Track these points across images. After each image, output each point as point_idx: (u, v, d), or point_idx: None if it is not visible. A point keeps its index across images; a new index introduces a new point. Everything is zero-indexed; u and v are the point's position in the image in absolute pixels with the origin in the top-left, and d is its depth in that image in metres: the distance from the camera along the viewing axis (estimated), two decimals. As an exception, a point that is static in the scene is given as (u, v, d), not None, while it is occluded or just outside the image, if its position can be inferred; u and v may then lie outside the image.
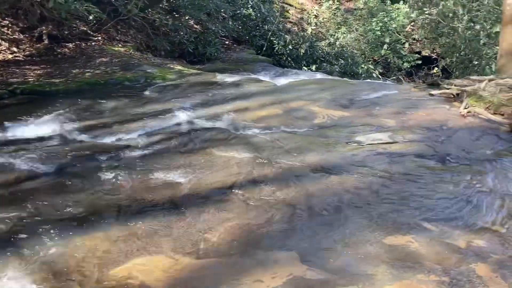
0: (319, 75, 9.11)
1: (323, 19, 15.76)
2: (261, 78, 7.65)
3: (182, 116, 5.19)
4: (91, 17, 7.96)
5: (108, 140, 4.42)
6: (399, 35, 14.53)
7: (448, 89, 5.66)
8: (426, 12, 11.64)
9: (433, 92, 5.77)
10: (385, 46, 13.94)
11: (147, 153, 4.04)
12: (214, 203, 3.11)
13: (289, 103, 5.77)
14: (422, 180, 3.40)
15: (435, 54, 13.86)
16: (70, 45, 8.31)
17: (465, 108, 5.00)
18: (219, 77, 7.12)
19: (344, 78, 9.85)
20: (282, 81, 7.52)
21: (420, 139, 4.27)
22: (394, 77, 14.67)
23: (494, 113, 4.90)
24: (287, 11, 16.39)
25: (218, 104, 5.77)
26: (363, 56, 14.79)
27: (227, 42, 11.99)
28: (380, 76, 14.20)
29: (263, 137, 4.45)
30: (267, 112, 5.38)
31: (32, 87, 6.14)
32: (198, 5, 9.94)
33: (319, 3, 17.17)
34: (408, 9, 13.73)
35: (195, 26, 11.29)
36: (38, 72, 6.87)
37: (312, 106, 5.61)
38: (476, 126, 4.60)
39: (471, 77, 6.18)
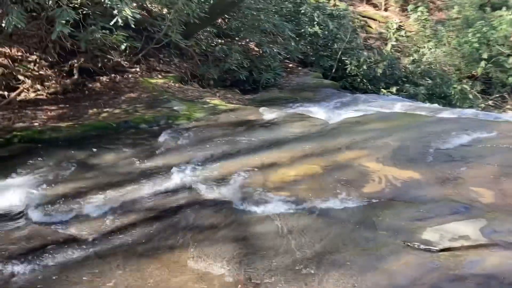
0: (398, 105, 7.02)
1: (405, 33, 13.71)
2: (313, 112, 6.03)
3: (181, 177, 3.82)
4: (122, 47, 6.96)
5: (60, 220, 3.16)
6: (502, 46, 12.03)
7: None
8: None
9: (558, 137, 3.79)
10: (483, 63, 11.56)
11: (86, 255, 2.69)
12: None
13: (336, 154, 4.14)
14: None
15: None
16: (104, 78, 7.39)
17: None
18: (257, 114, 5.67)
19: (430, 104, 7.86)
20: (339, 116, 5.85)
21: (540, 240, 2.44)
22: (497, 95, 12.35)
23: None
24: (369, 26, 14.61)
25: (240, 155, 4.32)
26: (457, 72, 12.51)
27: (290, 65, 10.54)
28: (478, 96, 11.90)
29: (274, 224, 2.90)
30: (299, 171, 3.80)
31: (32, 135, 5.17)
32: (252, 26, 8.64)
33: (406, 15, 15.06)
34: (513, 16, 11.30)
35: (256, 49, 9.99)
36: (51, 113, 5.95)
37: (368, 160, 3.92)
38: None
39: None
